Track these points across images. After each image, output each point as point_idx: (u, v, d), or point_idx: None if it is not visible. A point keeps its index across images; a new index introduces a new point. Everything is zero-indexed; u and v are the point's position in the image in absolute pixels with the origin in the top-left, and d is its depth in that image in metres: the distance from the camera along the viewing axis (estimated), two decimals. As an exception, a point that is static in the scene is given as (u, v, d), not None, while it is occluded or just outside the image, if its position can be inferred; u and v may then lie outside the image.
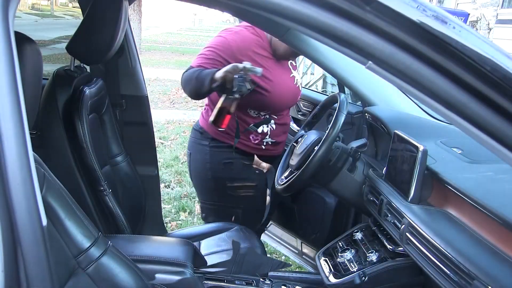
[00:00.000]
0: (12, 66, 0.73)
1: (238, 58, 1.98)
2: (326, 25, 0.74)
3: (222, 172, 2.15)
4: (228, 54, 2.00)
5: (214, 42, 2.06)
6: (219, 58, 2.01)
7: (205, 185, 2.23)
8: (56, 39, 8.02)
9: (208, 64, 2.00)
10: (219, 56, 2.01)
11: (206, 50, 2.05)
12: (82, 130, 1.57)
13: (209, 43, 2.07)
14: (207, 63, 2.01)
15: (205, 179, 2.20)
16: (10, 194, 0.73)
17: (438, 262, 1.16)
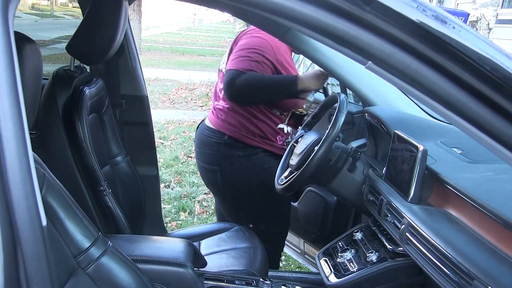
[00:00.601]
0: (12, 66, 0.73)
1: (277, 58, 2.02)
2: (326, 25, 0.74)
3: (266, 178, 2.04)
4: (270, 54, 2.01)
5: (255, 43, 2.02)
6: (265, 60, 2.00)
7: (251, 199, 2.16)
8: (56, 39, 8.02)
9: (257, 67, 1.98)
10: (264, 58, 2.00)
11: (250, 52, 2.00)
12: (82, 130, 1.57)
13: (249, 44, 2.03)
14: (257, 66, 1.98)
15: (249, 192, 2.14)
16: (10, 194, 0.73)
17: (438, 262, 1.16)
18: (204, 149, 2.17)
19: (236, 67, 1.98)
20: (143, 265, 1.26)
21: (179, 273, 1.36)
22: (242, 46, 2.04)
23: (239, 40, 2.11)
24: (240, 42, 2.07)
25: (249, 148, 2.10)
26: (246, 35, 2.09)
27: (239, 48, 2.04)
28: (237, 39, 2.15)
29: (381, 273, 1.50)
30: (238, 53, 2.02)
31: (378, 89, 1.95)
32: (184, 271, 1.36)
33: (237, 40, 2.13)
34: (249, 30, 2.12)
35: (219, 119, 2.13)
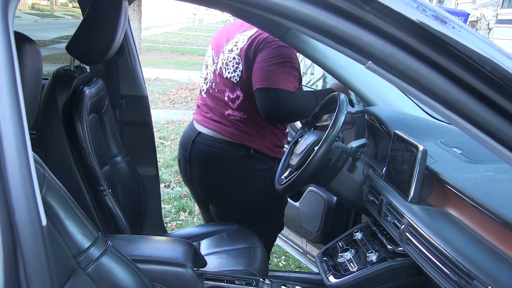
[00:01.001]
0: (11, 66, 0.73)
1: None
2: (326, 25, 0.74)
3: None
4: (298, 65, 1.99)
5: (288, 55, 1.93)
6: (298, 73, 1.98)
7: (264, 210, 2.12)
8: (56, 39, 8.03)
9: (297, 83, 1.96)
10: (298, 71, 1.97)
11: (289, 67, 1.92)
12: (82, 130, 1.56)
13: (284, 57, 1.92)
14: (297, 82, 1.95)
15: (266, 204, 2.10)
16: (10, 194, 0.73)
17: (438, 262, 1.16)
18: (218, 163, 2.03)
19: (283, 86, 1.87)
20: (143, 265, 1.26)
21: (179, 273, 1.36)
22: (276, 58, 1.91)
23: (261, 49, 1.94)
24: (269, 53, 1.91)
25: (270, 160, 2.06)
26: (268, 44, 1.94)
27: (273, 60, 1.90)
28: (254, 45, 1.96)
29: (381, 273, 1.50)
30: (274, 68, 1.89)
31: (378, 89, 1.95)
32: (184, 271, 1.36)
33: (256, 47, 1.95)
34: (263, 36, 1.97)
35: (238, 131, 2.00)
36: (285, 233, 2.65)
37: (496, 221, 1.07)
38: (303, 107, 1.93)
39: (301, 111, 1.95)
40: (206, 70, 2.16)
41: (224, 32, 2.16)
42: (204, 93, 2.13)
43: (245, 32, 2.02)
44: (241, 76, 1.97)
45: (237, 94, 1.99)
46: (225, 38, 2.09)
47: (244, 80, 1.96)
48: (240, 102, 1.99)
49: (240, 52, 1.98)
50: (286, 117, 1.97)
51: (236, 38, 2.03)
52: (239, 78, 1.97)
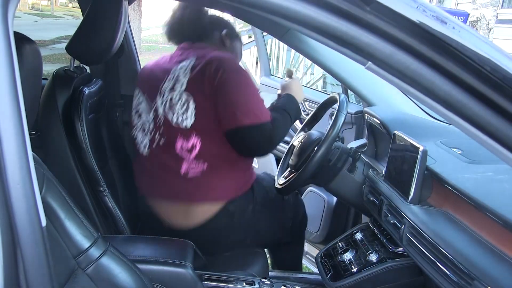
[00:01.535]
0: (11, 67, 0.73)
1: None
2: (326, 25, 0.74)
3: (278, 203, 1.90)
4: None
5: (250, 77, 1.70)
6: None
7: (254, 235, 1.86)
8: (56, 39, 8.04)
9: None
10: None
11: (258, 93, 1.70)
12: (82, 130, 1.56)
13: (250, 81, 1.69)
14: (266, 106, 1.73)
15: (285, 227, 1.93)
16: (10, 194, 0.73)
17: (438, 263, 1.16)
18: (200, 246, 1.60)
19: (264, 118, 1.63)
20: (143, 265, 1.26)
21: (179, 274, 1.36)
22: (246, 86, 1.66)
23: (222, 78, 1.59)
24: (236, 81, 1.63)
25: (249, 192, 1.79)
26: (227, 71, 1.61)
27: (245, 90, 1.65)
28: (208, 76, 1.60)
29: (381, 274, 1.50)
30: (249, 98, 1.65)
31: (378, 90, 1.95)
32: (184, 272, 1.36)
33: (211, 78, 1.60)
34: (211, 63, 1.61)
35: (204, 188, 1.68)
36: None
37: (496, 222, 1.07)
38: (284, 131, 1.75)
39: (283, 136, 1.76)
40: (139, 119, 1.77)
41: (152, 70, 1.81)
42: (145, 152, 1.74)
43: (181, 64, 1.67)
44: (196, 118, 1.62)
45: (193, 143, 1.63)
46: (158, 77, 1.73)
47: (200, 122, 1.62)
48: (199, 151, 1.64)
49: (187, 88, 1.62)
50: (272, 148, 1.77)
51: (173, 73, 1.67)
52: (193, 121, 1.62)
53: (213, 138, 1.65)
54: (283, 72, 5.76)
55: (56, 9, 12.73)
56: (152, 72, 1.80)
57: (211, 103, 1.60)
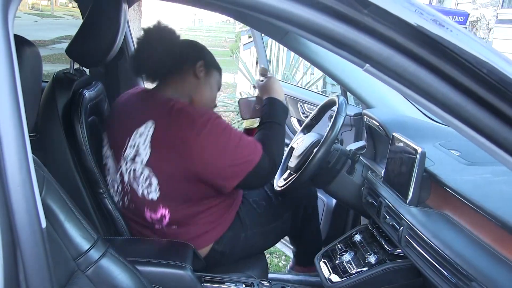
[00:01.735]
0: (11, 69, 0.73)
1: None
2: (324, 28, 0.74)
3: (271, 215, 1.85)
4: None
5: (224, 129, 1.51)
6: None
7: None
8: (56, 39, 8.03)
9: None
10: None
11: (241, 136, 1.54)
12: (82, 133, 1.56)
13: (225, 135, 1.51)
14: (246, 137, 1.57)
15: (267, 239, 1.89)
16: (10, 196, 0.74)
17: (436, 264, 1.17)
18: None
19: (257, 157, 1.52)
20: (142, 267, 1.26)
21: (178, 275, 1.37)
22: (222, 133, 1.50)
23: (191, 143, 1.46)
24: (208, 134, 1.47)
25: (236, 223, 1.72)
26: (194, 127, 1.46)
27: (222, 139, 1.49)
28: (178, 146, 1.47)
29: (380, 275, 1.50)
30: (230, 146, 1.50)
31: (377, 92, 1.96)
32: (183, 273, 1.37)
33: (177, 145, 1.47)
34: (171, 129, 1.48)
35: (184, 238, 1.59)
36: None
37: (494, 223, 1.08)
38: (280, 145, 1.64)
39: (282, 150, 1.67)
40: (108, 172, 1.66)
41: (122, 118, 1.64)
42: (119, 205, 1.65)
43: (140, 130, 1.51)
44: (161, 192, 1.52)
45: (162, 213, 1.56)
46: (124, 133, 1.57)
47: (166, 194, 1.53)
48: (169, 219, 1.57)
49: (148, 163, 1.50)
50: (278, 168, 1.65)
51: (133, 140, 1.53)
52: (158, 194, 1.53)
53: (183, 205, 1.57)
54: (283, 73, 5.78)
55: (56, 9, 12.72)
56: (119, 119, 1.65)
57: (179, 175, 1.49)
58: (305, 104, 2.55)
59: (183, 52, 1.63)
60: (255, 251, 1.81)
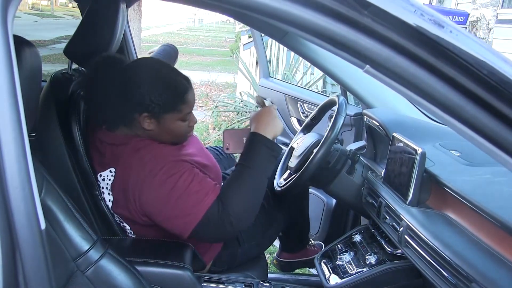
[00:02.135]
0: (11, 70, 0.73)
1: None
2: (324, 29, 0.74)
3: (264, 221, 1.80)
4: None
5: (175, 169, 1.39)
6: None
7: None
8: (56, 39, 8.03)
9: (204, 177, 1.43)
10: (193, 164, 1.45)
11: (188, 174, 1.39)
12: (78, 133, 1.56)
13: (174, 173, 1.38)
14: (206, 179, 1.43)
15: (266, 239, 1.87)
16: (9, 197, 0.74)
17: (436, 265, 1.17)
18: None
19: (205, 205, 1.35)
20: (142, 267, 1.26)
21: (178, 276, 1.36)
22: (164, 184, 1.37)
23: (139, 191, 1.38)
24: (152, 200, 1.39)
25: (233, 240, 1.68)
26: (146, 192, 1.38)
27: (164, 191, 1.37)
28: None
29: (379, 276, 1.50)
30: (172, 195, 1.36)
31: (377, 92, 1.96)
32: (183, 274, 1.36)
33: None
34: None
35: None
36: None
37: (494, 224, 1.08)
38: (244, 197, 1.38)
39: (248, 201, 1.39)
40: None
41: (94, 146, 1.56)
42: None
43: (104, 174, 1.49)
44: (137, 234, 1.54)
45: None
46: (93, 164, 1.54)
47: (145, 235, 1.53)
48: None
49: (115, 210, 1.51)
50: (241, 227, 1.40)
51: (100, 181, 1.50)
52: (134, 236, 1.55)
53: (167, 238, 1.50)
54: (283, 73, 5.77)
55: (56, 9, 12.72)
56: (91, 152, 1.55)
57: (143, 221, 1.45)
58: (305, 104, 2.55)
59: (127, 101, 1.40)
60: (252, 258, 1.81)
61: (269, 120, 1.45)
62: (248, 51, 6.86)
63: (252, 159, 1.40)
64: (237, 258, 1.70)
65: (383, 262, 1.52)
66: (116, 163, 1.44)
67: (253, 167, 1.39)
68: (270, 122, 1.45)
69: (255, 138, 1.42)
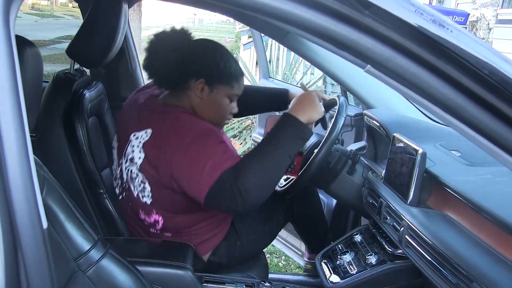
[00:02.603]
0: (13, 70, 0.73)
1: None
2: (325, 29, 0.75)
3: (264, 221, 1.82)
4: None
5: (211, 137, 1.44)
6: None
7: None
8: (56, 39, 8.04)
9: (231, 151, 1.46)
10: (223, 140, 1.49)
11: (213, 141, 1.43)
12: (82, 133, 1.57)
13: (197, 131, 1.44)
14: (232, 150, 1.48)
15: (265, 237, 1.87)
16: (11, 196, 0.74)
17: (437, 265, 1.17)
18: None
19: (220, 169, 1.36)
20: (143, 267, 1.26)
21: (178, 276, 1.37)
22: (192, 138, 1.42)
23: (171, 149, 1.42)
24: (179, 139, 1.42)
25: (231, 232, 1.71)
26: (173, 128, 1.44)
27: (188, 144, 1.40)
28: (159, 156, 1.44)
29: (380, 276, 1.50)
30: (195, 153, 1.40)
31: (377, 92, 1.96)
32: (183, 274, 1.37)
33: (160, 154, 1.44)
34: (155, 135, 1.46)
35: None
36: (283, 235, 2.65)
37: (494, 224, 1.08)
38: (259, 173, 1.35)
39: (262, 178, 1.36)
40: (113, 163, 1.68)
41: (128, 117, 1.61)
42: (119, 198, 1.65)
43: (139, 134, 1.50)
44: (153, 199, 1.52)
45: (155, 219, 1.56)
46: (128, 131, 1.55)
47: (158, 202, 1.52)
48: (162, 226, 1.57)
49: (141, 169, 1.49)
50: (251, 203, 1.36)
51: (132, 141, 1.51)
52: (151, 200, 1.52)
53: (176, 215, 1.55)
54: (283, 73, 5.78)
55: (56, 9, 12.74)
56: (126, 118, 1.62)
57: (166, 182, 1.46)
58: None
59: (188, 66, 1.50)
60: (252, 255, 1.81)
61: (306, 103, 1.47)
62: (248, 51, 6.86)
63: (276, 136, 1.39)
64: (235, 252, 1.70)
65: (384, 262, 1.52)
66: (154, 126, 1.48)
67: (276, 145, 1.38)
68: (307, 105, 1.46)
69: (285, 118, 1.43)
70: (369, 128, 1.89)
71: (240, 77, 1.57)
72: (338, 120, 1.65)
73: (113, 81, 2.19)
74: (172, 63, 1.48)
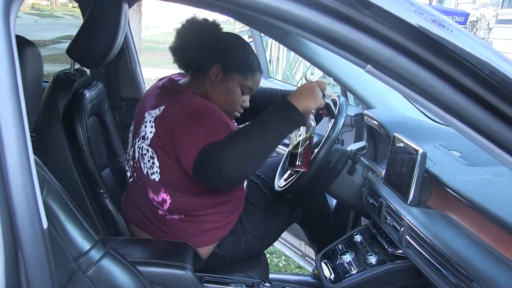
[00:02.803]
0: (13, 69, 0.73)
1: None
2: (325, 29, 0.75)
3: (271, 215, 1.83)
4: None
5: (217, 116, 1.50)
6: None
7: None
8: (56, 39, 8.04)
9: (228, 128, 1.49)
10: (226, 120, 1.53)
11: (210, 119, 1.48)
12: (82, 133, 1.57)
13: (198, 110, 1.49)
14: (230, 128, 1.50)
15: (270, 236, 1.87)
16: (11, 196, 0.74)
17: (437, 265, 1.17)
18: None
19: (205, 140, 1.39)
20: (143, 267, 1.26)
21: (179, 276, 1.37)
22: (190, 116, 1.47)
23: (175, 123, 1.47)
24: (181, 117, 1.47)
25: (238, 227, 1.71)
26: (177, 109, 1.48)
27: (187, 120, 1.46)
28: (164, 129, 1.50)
29: (380, 276, 1.50)
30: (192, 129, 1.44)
31: (377, 92, 1.96)
32: (184, 274, 1.37)
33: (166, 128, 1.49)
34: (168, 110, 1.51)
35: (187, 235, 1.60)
36: (283, 235, 2.66)
37: (495, 224, 1.08)
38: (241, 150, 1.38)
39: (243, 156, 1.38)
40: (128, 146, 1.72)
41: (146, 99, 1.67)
42: (130, 181, 1.69)
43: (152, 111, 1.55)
44: (161, 175, 1.54)
45: (163, 197, 1.57)
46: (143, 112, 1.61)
47: (167, 179, 1.55)
48: (170, 206, 1.58)
49: (151, 144, 1.53)
50: (228, 174, 1.38)
51: (147, 117, 1.56)
52: (159, 177, 1.55)
53: (184, 194, 1.56)
54: (283, 73, 5.78)
55: (56, 9, 12.74)
56: (144, 101, 1.68)
57: (172, 158, 1.49)
58: None
59: (210, 52, 1.58)
60: (255, 253, 1.81)
61: (305, 92, 1.47)
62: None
63: (266, 118, 1.43)
64: (239, 246, 1.71)
65: (384, 262, 1.52)
66: (167, 103, 1.53)
67: (264, 126, 1.42)
68: (305, 93, 1.47)
69: (281, 102, 1.45)
70: (369, 128, 1.89)
71: (256, 71, 1.62)
72: (338, 120, 1.65)
73: (113, 81, 2.19)
74: (197, 46, 1.57)
